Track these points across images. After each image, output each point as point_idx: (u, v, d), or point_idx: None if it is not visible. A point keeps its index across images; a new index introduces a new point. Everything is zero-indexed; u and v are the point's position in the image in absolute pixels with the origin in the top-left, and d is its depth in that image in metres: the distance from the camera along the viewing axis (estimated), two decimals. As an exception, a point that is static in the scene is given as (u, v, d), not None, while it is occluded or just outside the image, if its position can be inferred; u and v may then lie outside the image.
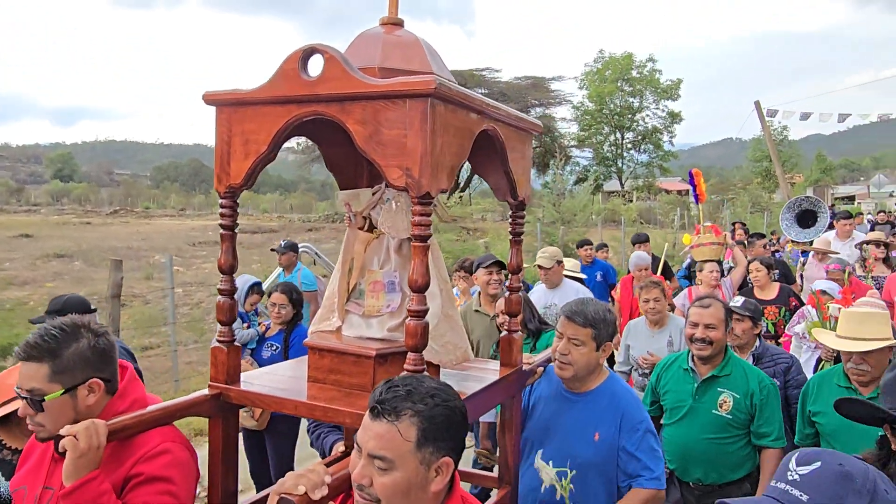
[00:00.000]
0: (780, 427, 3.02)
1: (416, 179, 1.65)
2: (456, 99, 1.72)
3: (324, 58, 1.73)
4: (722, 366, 3.09)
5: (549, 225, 18.42)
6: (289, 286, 4.37)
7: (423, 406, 1.36)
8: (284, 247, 6.86)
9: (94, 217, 38.48)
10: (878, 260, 6.58)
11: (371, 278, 2.12)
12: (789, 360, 3.65)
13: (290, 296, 4.23)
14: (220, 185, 1.93)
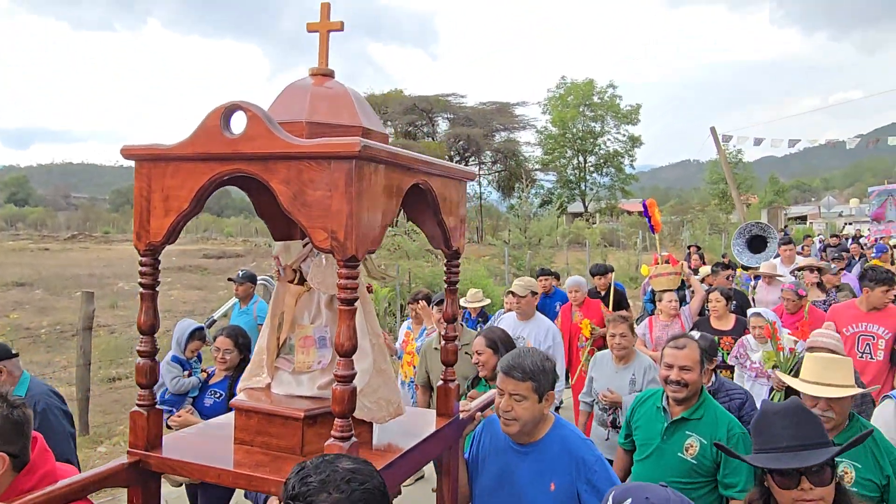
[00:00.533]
0: (747, 477, 2.77)
1: (342, 242, 1.59)
2: (382, 158, 1.67)
3: (247, 115, 1.67)
4: (694, 408, 2.93)
5: (516, 249, 18.46)
6: (235, 330, 4.09)
7: (340, 495, 1.28)
8: (242, 277, 6.56)
9: (51, 242, 37.19)
10: (813, 284, 6.66)
11: (301, 333, 2.04)
12: (744, 395, 3.61)
13: (235, 340, 3.94)
14: (139, 242, 1.84)
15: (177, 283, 19.53)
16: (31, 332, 13.44)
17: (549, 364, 2.35)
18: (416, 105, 33.47)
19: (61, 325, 14.23)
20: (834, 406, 2.73)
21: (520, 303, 5.02)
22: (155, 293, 1.90)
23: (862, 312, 4.89)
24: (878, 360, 4.69)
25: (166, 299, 16.00)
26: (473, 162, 37.19)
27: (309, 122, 1.83)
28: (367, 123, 1.93)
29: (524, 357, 2.31)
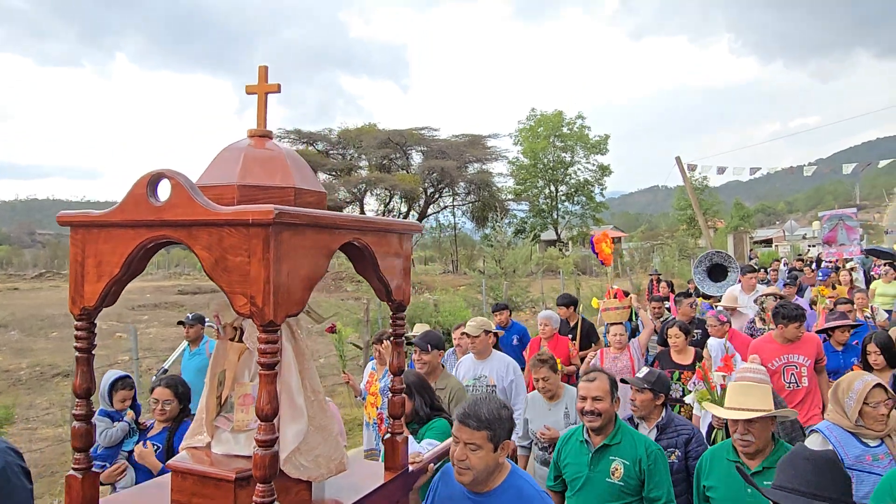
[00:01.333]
0: (668, 490, 3.04)
1: (260, 308, 1.59)
2: (302, 222, 1.68)
3: (171, 183, 1.68)
4: (612, 435, 3.13)
5: (492, 279, 18.51)
6: (174, 379, 3.90)
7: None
8: (192, 319, 6.40)
9: (19, 281, 36.30)
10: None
11: (241, 391, 2.03)
12: (691, 431, 3.65)
13: (175, 390, 3.74)
14: (74, 307, 1.82)
15: (154, 321, 19.19)
16: (10, 374, 13.12)
17: (506, 412, 2.34)
18: (391, 139, 33.67)
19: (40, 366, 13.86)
20: (751, 429, 2.90)
21: (474, 342, 4.99)
22: (91, 356, 1.88)
23: (780, 345, 5.08)
24: (804, 387, 4.91)
25: (145, 337, 15.73)
26: (447, 193, 37.38)
27: (241, 185, 1.84)
28: (301, 183, 1.95)
29: (480, 405, 2.29)
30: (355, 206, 34.51)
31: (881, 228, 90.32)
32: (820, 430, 3.19)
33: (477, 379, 4.92)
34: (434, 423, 3.46)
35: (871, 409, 3.05)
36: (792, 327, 4.99)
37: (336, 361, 10.08)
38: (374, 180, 32.04)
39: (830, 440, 3.10)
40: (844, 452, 3.03)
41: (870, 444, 3.07)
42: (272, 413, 1.64)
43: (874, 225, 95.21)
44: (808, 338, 5.18)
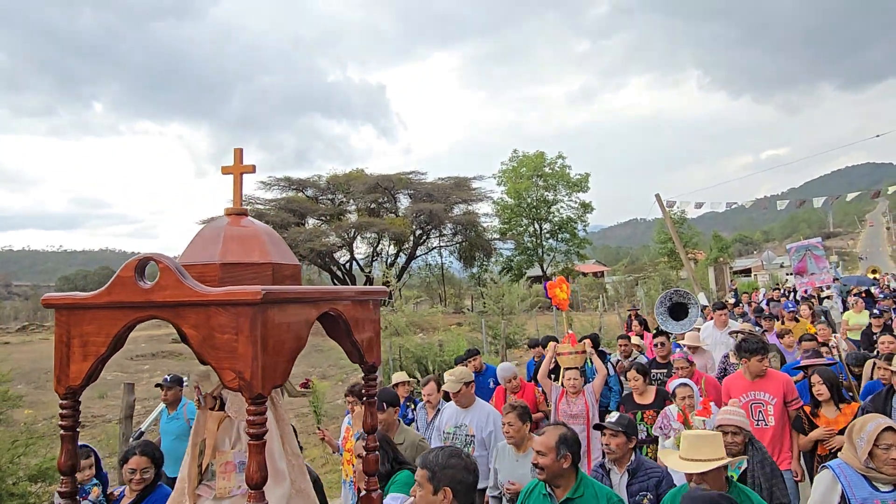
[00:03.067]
0: None
1: (248, 382, 1.63)
2: (286, 298, 1.74)
3: (158, 267, 1.73)
4: (575, 488, 3.08)
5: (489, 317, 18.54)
6: (149, 447, 3.68)
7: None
8: (171, 381, 6.12)
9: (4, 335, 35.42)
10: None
11: (222, 459, 2.05)
12: (661, 473, 3.66)
13: (152, 456, 3.54)
14: (59, 386, 1.85)
15: (156, 370, 18.91)
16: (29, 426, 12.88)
17: (456, 462, 2.37)
18: (379, 183, 33.99)
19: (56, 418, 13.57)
20: (705, 479, 2.98)
21: (457, 396, 4.99)
22: (75, 434, 1.89)
23: (748, 381, 5.01)
24: (772, 426, 4.80)
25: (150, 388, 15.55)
26: (435, 234, 37.57)
27: (222, 264, 1.90)
28: (278, 258, 2.01)
29: (434, 450, 2.42)
30: (345, 250, 34.58)
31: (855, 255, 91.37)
32: (831, 468, 3.12)
33: (458, 427, 4.91)
34: (397, 476, 3.46)
35: (881, 451, 2.95)
36: (754, 360, 4.93)
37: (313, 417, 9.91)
38: (363, 224, 32.22)
39: (840, 479, 3.03)
40: (852, 493, 2.95)
41: (881, 488, 2.95)
42: (262, 481, 1.67)
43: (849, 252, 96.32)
44: (775, 375, 5.11)
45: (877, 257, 78.06)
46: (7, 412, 6.43)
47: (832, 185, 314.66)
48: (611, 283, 46.77)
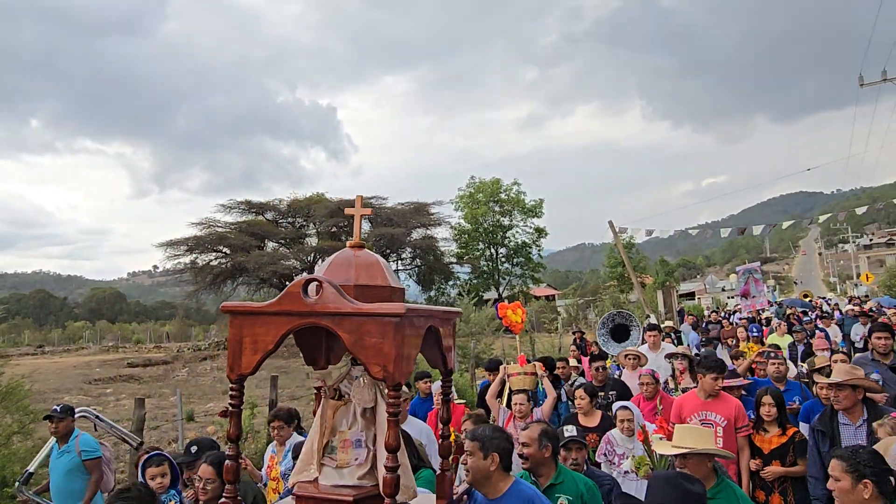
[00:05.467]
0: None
1: (391, 373, 2.23)
2: (415, 314, 2.37)
3: (322, 285, 2.34)
4: (556, 476, 3.60)
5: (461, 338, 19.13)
6: (219, 457, 3.66)
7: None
8: (62, 412, 5.57)
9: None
10: (684, 371, 6.68)
11: (342, 437, 2.63)
12: (611, 482, 4.04)
13: (218, 469, 3.51)
14: (231, 373, 2.42)
15: (121, 393, 18.70)
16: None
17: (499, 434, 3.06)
18: (340, 208, 34.43)
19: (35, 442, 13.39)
20: (686, 463, 3.45)
21: None
22: (240, 411, 2.47)
23: (701, 401, 5.06)
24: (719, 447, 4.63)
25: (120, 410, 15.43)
26: (394, 258, 38.11)
27: (356, 285, 2.51)
28: (392, 283, 2.64)
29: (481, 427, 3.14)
30: (305, 274, 34.55)
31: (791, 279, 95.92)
32: None
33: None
34: (420, 473, 3.86)
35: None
36: (709, 378, 4.99)
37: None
38: (324, 249, 32.52)
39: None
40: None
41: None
42: (397, 447, 2.28)
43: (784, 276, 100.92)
44: (727, 398, 5.11)
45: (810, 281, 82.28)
46: (29, 426, 6.66)
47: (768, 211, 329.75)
48: (562, 306, 48.15)
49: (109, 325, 76.29)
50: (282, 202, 36.81)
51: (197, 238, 33.73)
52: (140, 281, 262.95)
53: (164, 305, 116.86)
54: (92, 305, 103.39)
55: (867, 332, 11.51)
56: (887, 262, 73.00)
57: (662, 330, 11.05)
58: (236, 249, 33.00)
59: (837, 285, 65.82)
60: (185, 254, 34.13)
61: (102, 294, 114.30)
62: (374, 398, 2.61)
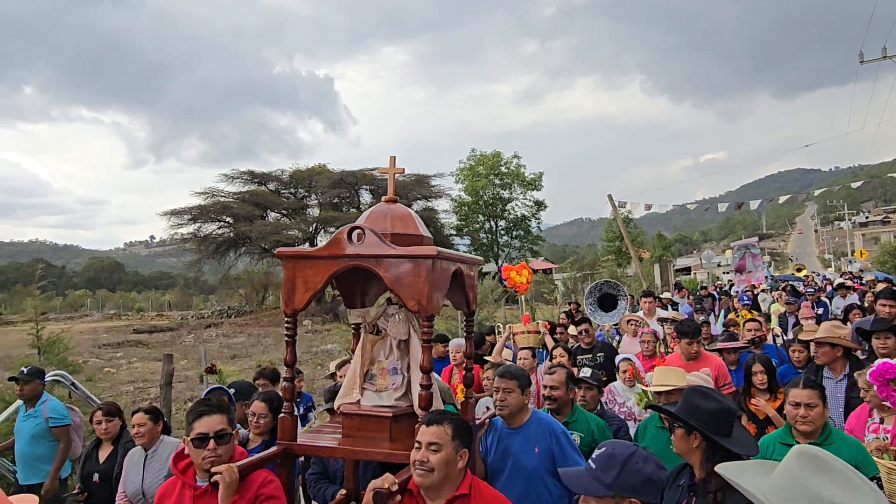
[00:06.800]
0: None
1: (425, 307, 2.63)
2: (443, 256, 2.76)
3: (364, 232, 2.73)
4: (570, 415, 3.98)
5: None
6: (270, 394, 4.06)
7: (451, 418, 2.33)
8: (28, 374, 5.35)
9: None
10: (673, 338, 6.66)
11: (380, 366, 3.04)
12: (620, 422, 4.44)
13: (270, 404, 3.93)
14: (287, 308, 2.83)
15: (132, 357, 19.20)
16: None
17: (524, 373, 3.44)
18: (343, 179, 34.67)
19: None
20: (669, 399, 3.91)
21: None
22: (294, 340, 2.88)
23: (682, 363, 5.22)
24: None
25: (133, 371, 15.93)
26: (395, 229, 38.34)
27: (392, 234, 2.89)
28: (423, 232, 3.02)
29: (512, 367, 3.45)
30: (308, 244, 35.13)
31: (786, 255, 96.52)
32: None
33: None
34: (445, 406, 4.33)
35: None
36: (684, 342, 5.22)
37: None
38: (326, 219, 32.85)
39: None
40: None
41: None
42: (430, 368, 2.69)
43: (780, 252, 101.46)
44: (709, 358, 5.32)
45: (805, 258, 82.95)
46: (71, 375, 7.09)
47: (766, 188, 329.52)
48: (560, 279, 48.65)
49: (110, 293, 76.86)
50: (284, 173, 37.06)
51: (201, 207, 34.05)
52: (137, 251, 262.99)
53: (161, 275, 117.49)
54: (90, 275, 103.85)
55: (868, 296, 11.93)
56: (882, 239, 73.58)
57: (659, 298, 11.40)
58: (239, 219, 33.33)
59: (832, 262, 66.44)
60: (189, 223, 34.48)
61: (101, 263, 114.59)
62: (408, 332, 3.01)
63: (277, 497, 2.52)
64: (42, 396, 5.37)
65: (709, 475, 2.36)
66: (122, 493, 4.07)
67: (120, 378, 14.30)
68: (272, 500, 2.50)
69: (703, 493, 2.37)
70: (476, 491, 2.40)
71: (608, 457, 2.01)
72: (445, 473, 2.35)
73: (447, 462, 2.34)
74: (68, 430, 5.31)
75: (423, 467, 2.33)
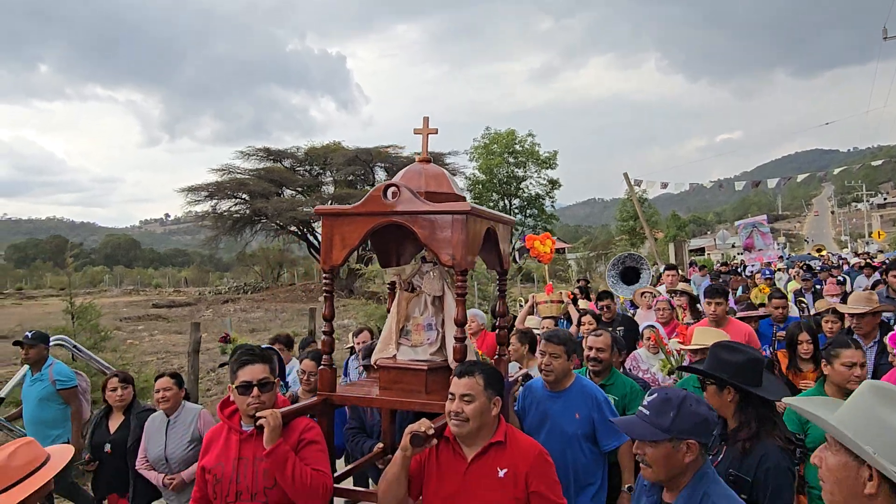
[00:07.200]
0: None
1: (459, 261, 2.70)
2: (476, 213, 2.82)
3: (399, 189, 2.79)
4: (607, 378, 4.05)
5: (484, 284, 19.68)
6: (318, 354, 3.98)
7: (482, 369, 2.41)
8: (33, 338, 5.33)
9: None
10: (685, 309, 7.01)
11: (415, 322, 3.12)
12: (645, 385, 4.46)
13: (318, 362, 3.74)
14: (325, 264, 2.92)
15: (153, 329, 19.51)
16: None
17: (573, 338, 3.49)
18: (358, 156, 34.63)
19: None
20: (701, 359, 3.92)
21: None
22: (332, 295, 2.97)
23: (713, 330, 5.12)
24: None
25: (155, 343, 16.20)
26: (409, 207, 38.36)
27: (426, 192, 2.95)
28: (455, 190, 3.08)
29: (557, 330, 3.52)
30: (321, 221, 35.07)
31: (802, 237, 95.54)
32: None
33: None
34: None
35: None
36: (713, 303, 5.21)
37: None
38: (342, 196, 32.91)
39: None
40: None
41: None
42: (464, 322, 2.77)
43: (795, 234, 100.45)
44: (737, 325, 5.32)
45: (821, 239, 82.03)
46: (100, 343, 7.29)
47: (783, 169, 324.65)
48: (573, 259, 48.56)
49: (128, 270, 77.84)
50: (299, 150, 37.06)
51: (218, 184, 34.21)
52: (152, 229, 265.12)
53: (177, 253, 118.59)
54: (107, 251, 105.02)
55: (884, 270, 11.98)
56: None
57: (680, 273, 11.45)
58: (255, 196, 33.47)
59: (849, 243, 65.75)
60: (206, 199, 34.69)
61: (117, 241, 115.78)
62: (442, 288, 3.08)
63: (319, 442, 2.62)
64: (48, 360, 5.35)
65: (740, 425, 2.42)
66: (142, 458, 4.12)
67: (143, 349, 14.57)
68: (314, 444, 2.60)
69: (732, 443, 2.43)
70: (511, 438, 2.47)
71: (662, 401, 2.03)
72: (480, 422, 2.42)
73: (481, 411, 2.41)
74: (76, 392, 5.29)
75: (459, 418, 2.39)
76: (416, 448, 2.31)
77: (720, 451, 2.48)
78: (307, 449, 2.57)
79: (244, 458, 2.58)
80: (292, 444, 2.54)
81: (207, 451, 2.70)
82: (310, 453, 2.56)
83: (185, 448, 4.05)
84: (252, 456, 2.55)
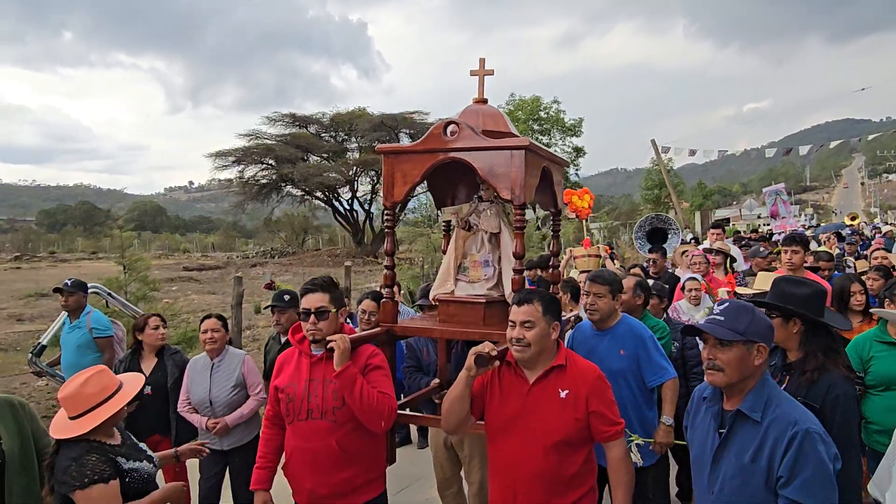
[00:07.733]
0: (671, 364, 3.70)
1: (518, 195, 2.77)
2: (534, 149, 2.88)
3: (458, 126, 2.85)
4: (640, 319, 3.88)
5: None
6: (377, 293, 4.05)
7: (541, 296, 2.49)
8: (72, 286, 5.38)
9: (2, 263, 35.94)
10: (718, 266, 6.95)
11: (472, 259, 3.21)
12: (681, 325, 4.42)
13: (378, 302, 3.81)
14: (387, 201, 3.01)
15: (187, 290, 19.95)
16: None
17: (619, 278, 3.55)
18: (383, 122, 34.59)
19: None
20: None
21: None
22: (394, 231, 3.07)
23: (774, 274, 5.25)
24: None
25: (190, 302, 16.61)
26: (433, 174, 38.36)
27: (483, 130, 3.01)
28: (511, 129, 3.13)
29: (605, 272, 3.54)
30: (348, 188, 35.44)
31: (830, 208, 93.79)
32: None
33: None
34: None
35: None
36: (790, 251, 5.03)
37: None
38: (367, 162, 33.01)
39: None
40: None
41: None
42: (522, 254, 2.85)
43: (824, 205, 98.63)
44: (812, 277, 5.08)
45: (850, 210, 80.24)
46: (150, 294, 7.55)
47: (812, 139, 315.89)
48: (596, 227, 48.23)
49: (156, 235, 79.21)
50: (325, 116, 37.10)
51: (245, 149, 34.49)
52: (177, 196, 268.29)
53: (202, 220, 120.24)
54: (133, 217, 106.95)
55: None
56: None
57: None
58: (282, 161, 33.72)
59: (878, 215, 64.32)
60: (233, 164, 35.03)
61: (144, 207, 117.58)
62: (499, 225, 3.17)
63: (383, 367, 2.75)
64: (85, 308, 5.40)
65: (807, 355, 2.48)
66: (185, 400, 4.16)
67: (179, 308, 14.96)
68: (379, 369, 2.72)
69: (799, 373, 2.49)
70: (571, 361, 2.56)
71: (738, 307, 2.11)
72: (541, 347, 2.50)
73: (542, 336, 2.48)
74: (112, 342, 5.32)
75: (520, 343, 2.46)
76: (479, 368, 2.40)
77: (782, 380, 2.54)
78: (373, 373, 2.69)
79: (315, 380, 2.71)
80: (359, 368, 2.66)
81: (280, 372, 2.84)
82: (375, 377, 2.68)
83: (229, 392, 4.11)
84: (322, 377, 2.68)
